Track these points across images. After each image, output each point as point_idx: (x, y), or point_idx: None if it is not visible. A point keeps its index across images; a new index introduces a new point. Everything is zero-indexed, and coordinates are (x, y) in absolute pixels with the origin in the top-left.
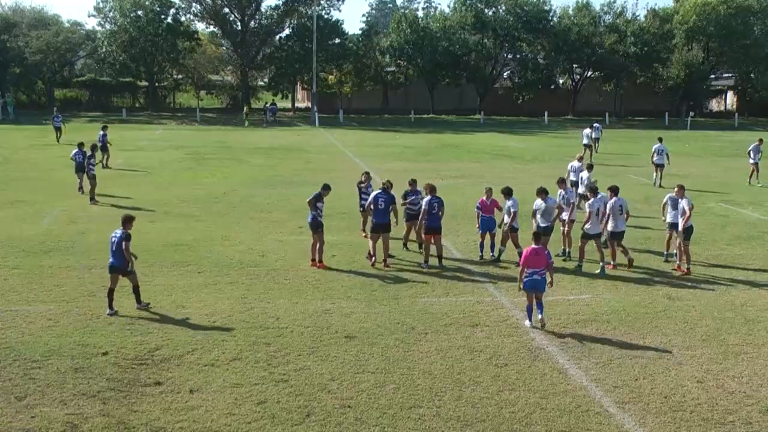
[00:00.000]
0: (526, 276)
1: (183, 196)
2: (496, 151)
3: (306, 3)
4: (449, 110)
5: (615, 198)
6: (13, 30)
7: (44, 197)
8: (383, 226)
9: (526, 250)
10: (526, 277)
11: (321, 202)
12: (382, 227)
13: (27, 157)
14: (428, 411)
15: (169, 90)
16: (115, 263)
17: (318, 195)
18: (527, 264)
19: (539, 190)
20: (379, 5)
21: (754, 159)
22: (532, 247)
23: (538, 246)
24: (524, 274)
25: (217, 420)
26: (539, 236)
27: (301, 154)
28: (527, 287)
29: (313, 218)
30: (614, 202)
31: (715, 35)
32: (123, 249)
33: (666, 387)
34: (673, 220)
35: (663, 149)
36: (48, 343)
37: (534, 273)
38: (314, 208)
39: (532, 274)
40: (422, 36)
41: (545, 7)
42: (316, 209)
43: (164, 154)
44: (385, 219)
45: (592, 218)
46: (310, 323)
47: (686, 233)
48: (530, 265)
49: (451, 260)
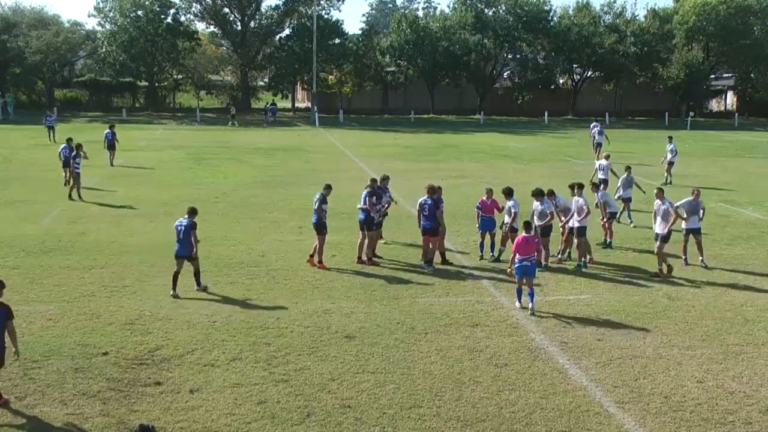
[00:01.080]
0: (516, 262)
1: (183, 196)
2: (496, 151)
3: (306, 3)
4: (449, 110)
5: (579, 196)
6: (13, 30)
7: (44, 197)
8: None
9: (517, 238)
10: (517, 263)
11: (326, 203)
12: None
13: (27, 157)
14: (428, 411)
15: (169, 90)
16: (181, 250)
17: (323, 197)
18: (518, 251)
19: (535, 192)
20: (379, 5)
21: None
22: (522, 235)
23: (528, 234)
24: (515, 260)
25: (217, 420)
26: (530, 225)
27: (301, 154)
28: (518, 273)
29: (318, 219)
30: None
31: (715, 35)
32: (190, 237)
33: (666, 387)
34: (691, 225)
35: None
36: (48, 343)
37: (524, 260)
38: (320, 210)
39: (522, 261)
40: (422, 36)
41: (545, 7)
42: (322, 211)
43: (164, 154)
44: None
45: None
46: (310, 323)
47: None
48: (521, 252)
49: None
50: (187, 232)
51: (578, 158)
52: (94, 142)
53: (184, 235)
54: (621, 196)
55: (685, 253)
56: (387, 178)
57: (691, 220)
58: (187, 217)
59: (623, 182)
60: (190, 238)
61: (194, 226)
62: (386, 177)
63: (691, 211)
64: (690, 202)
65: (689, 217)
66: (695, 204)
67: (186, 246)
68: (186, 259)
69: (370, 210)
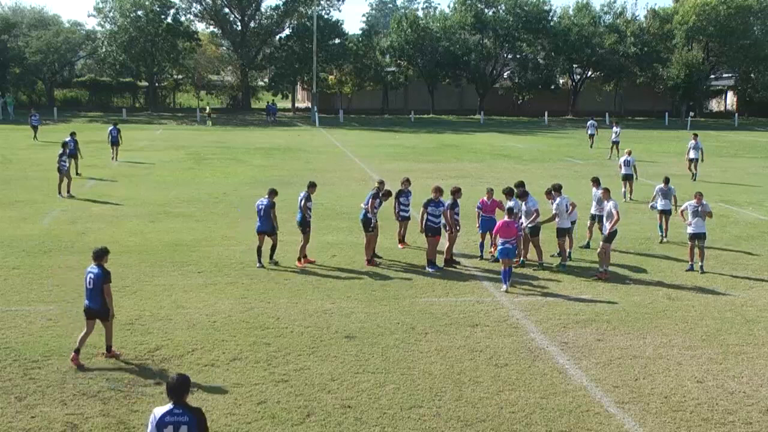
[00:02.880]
0: (499, 245)
1: (183, 196)
2: (496, 151)
3: (306, 3)
4: (449, 110)
5: (561, 197)
6: (13, 30)
7: (44, 197)
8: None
9: (499, 222)
10: (500, 246)
11: (310, 201)
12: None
13: (27, 157)
14: (428, 411)
15: (169, 90)
16: (261, 226)
17: (308, 195)
18: (499, 234)
19: (517, 192)
20: (379, 5)
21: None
22: (504, 219)
23: (510, 219)
24: (498, 243)
25: (217, 420)
26: (512, 211)
27: (301, 154)
28: (501, 255)
29: (302, 218)
30: (560, 200)
31: (715, 35)
32: (270, 215)
33: (666, 387)
34: (696, 230)
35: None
36: (48, 343)
37: (506, 242)
38: (305, 208)
39: (504, 243)
40: (422, 36)
41: (545, 7)
42: (307, 209)
43: (164, 154)
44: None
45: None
46: (310, 323)
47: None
48: (502, 235)
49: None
50: (267, 211)
51: (578, 158)
52: (95, 142)
53: (264, 213)
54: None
55: (692, 259)
56: (408, 181)
57: (696, 225)
58: (267, 197)
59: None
60: (269, 215)
61: (273, 205)
62: (407, 180)
63: (694, 214)
64: (693, 205)
65: (694, 221)
66: (697, 207)
67: (266, 223)
68: (266, 234)
69: (369, 211)
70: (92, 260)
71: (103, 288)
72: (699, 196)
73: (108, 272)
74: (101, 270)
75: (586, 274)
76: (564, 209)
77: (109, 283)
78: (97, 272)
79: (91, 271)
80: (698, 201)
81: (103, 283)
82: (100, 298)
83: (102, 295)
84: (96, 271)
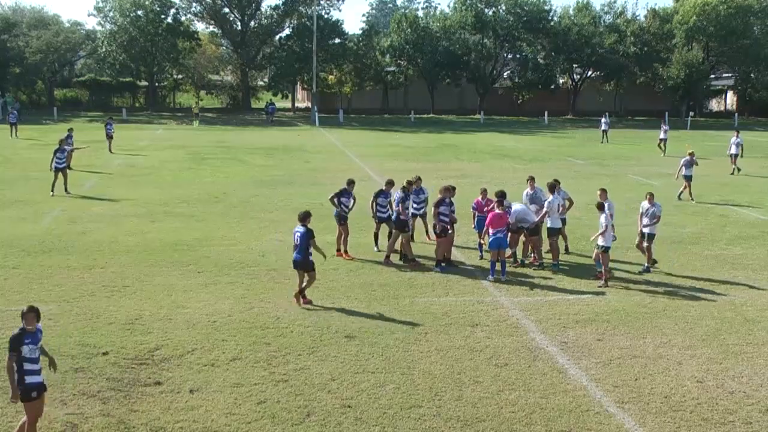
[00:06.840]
0: (491, 236)
1: (183, 196)
2: (496, 151)
3: (306, 3)
4: (449, 110)
5: (554, 196)
6: (13, 30)
7: (44, 197)
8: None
9: (490, 213)
10: (491, 237)
11: (345, 197)
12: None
13: (27, 157)
14: (428, 411)
15: (169, 90)
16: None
17: (341, 191)
18: (491, 225)
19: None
20: (379, 5)
21: None
22: (495, 211)
23: (500, 211)
24: (489, 234)
25: (217, 420)
26: (502, 202)
27: (301, 154)
28: (493, 246)
29: (336, 213)
30: (553, 198)
31: (715, 35)
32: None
33: (666, 387)
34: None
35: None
36: (48, 343)
37: (498, 232)
38: (337, 204)
39: (496, 233)
40: (422, 36)
41: (545, 7)
42: (339, 205)
43: (164, 154)
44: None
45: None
46: (310, 323)
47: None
48: (493, 226)
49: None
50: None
51: (578, 158)
52: (95, 141)
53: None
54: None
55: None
56: (419, 179)
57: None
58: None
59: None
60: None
61: (311, 234)
62: (419, 178)
63: (646, 215)
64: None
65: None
66: (651, 208)
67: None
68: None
69: (401, 212)
70: (298, 222)
71: (309, 242)
72: (650, 197)
73: (311, 230)
74: (306, 229)
75: (586, 274)
76: (555, 208)
77: (313, 238)
78: (303, 231)
79: (298, 230)
80: (650, 201)
81: (308, 239)
82: (305, 252)
83: (306, 250)
84: (302, 230)
